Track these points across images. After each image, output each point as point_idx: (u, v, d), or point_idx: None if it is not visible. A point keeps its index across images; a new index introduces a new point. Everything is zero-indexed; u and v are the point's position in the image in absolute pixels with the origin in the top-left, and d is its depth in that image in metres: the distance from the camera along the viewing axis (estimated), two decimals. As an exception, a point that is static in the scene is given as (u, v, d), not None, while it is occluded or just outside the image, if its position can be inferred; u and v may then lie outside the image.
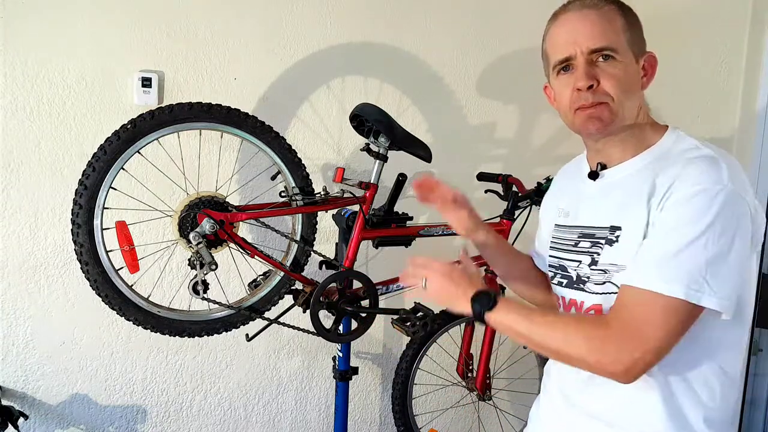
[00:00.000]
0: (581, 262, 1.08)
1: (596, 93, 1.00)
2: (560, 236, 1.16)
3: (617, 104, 1.01)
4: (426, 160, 1.79)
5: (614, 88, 1.00)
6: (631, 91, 1.03)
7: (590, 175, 1.10)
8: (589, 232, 1.08)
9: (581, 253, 1.08)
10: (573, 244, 1.11)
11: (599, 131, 1.03)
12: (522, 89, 2.31)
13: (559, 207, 1.19)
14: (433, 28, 2.19)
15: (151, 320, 1.61)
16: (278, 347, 2.18)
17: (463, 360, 2.08)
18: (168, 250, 1.83)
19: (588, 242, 1.07)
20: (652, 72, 1.07)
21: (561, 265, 1.14)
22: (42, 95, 1.81)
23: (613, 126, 1.03)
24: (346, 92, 2.12)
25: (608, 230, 1.03)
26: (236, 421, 2.17)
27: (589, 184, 1.11)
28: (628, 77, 1.01)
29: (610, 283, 1.02)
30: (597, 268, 1.04)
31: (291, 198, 1.73)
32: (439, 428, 2.34)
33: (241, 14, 1.97)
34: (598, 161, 1.09)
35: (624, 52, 1.01)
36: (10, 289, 1.86)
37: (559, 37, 1.05)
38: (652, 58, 1.07)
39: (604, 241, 1.04)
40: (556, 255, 1.16)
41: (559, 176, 1.30)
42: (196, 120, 1.59)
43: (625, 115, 1.02)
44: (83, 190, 1.50)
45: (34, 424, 1.94)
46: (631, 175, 1.04)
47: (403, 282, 1.11)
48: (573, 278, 1.10)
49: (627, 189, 1.03)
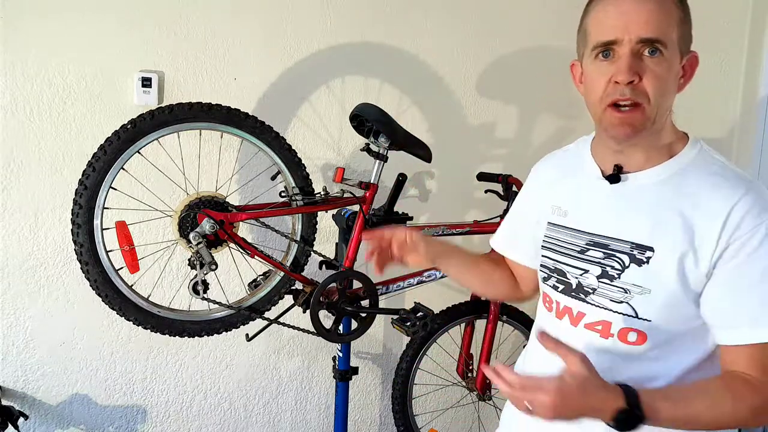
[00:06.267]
0: (587, 272, 1.02)
1: (635, 90, 0.92)
2: (558, 237, 1.08)
3: (653, 107, 0.93)
4: (426, 160, 1.79)
5: (655, 88, 0.92)
6: (669, 93, 0.95)
7: (609, 178, 1.01)
8: (603, 241, 1.00)
9: (590, 262, 1.02)
10: (579, 251, 1.04)
11: (628, 137, 0.95)
12: (522, 89, 2.31)
13: (554, 204, 1.10)
14: (433, 28, 2.19)
15: (151, 320, 1.61)
16: (278, 347, 2.18)
17: (463, 360, 2.08)
18: (168, 250, 1.83)
19: (600, 252, 1.00)
20: (690, 74, 0.98)
21: (558, 268, 1.07)
22: (42, 95, 1.81)
23: (644, 132, 0.95)
24: (346, 92, 2.12)
25: (632, 246, 0.97)
26: (236, 421, 2.17)
27: (601, 187, 1.03)
28: (669, 77, 0.93)
29: (628, 305, 0.97)
30: (615, 285, 0.98)
31: (291, 198, 1.73)
32: (439, 428, 2.34)
33: (241, 14, 1.97)
34: (614, 163, 1.01)
35: (673, 48, 0.92)
36: (10, 289, 1.86)
37: (607, 15, 0.93)
38: (694, 58, 0.98)
39: (627, 258, 0.97)
40: (551, 257, 1.09)
41: (544, 168, 1.20)
42: (196, 120, 1.59)
43: (657, 120, 0.95)
44: (83, 190, 1.50)
45: (34, 424, 1.94)
46: (657, 186, 0.97)
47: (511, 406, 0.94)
48: (572, 285, 1.04)
49: (655, 203, 0.96)
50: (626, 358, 0.99)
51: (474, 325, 2.05)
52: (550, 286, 1.10)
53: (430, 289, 1.98)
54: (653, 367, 0.98)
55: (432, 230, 1.85)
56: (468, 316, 2.00)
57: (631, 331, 0.98)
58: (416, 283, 1.86)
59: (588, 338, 1.02)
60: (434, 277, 1.87)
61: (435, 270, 1.86)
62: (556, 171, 1.16)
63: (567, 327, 1.06)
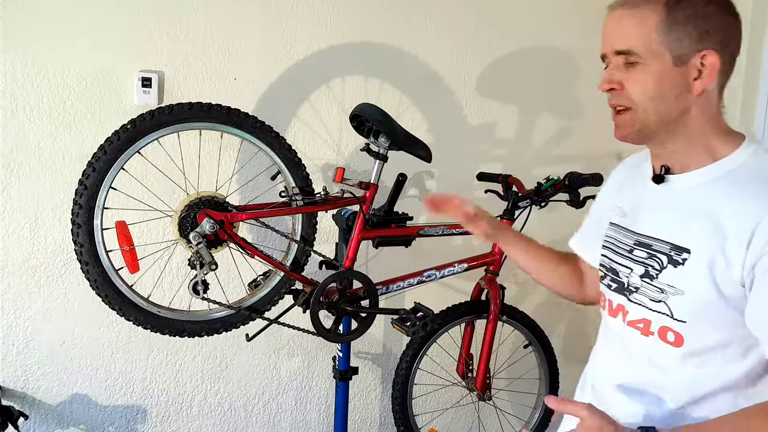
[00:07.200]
0: (632, 270, 1.04)
1: (618, 96, 0.98)
2: (615, 237, 1.10)
3: (642, 111, 0.96)
4: (426, 160, 1.79)
5: (637, 93, 0.96)
6: (663, 97, 0.95)
7: (654, 179, 1.03)
8: (647, 241, 1.03)
9: (635, 261, 1.04)
10: (628, 250, 1.06)
11: (623, 138, 1.00)
12: (522, 89, 2.31)
13: (617, 205, 1.13)
14: (433, 28, 2.19)
15: (151, 320, 1.61)
16: (278, 347, 2.18)
17: (463, 360, 2.08)
18: (168, 250, 1.83)
19: (644, 252, 1.03)
20: (708, 73, 0.94)
21: (613, 267, 1.10)
22: (42, 95, 1.81)
23: (640, 134, 0.98)
24: (346, 92, 2.12)
25: (671, 247, 0.98)
26: (236, 421, 2.17)
27: (651, 188, 1.04)
28: (656, 83, 0.94)
29: (665, 304, 0.99)
30: (653, 284, 1.00)
31: (291, 198, 1.73)
32: (439, 428, 2.34)
33: (241, 14, 1.97)
34: (661, 164, 1.03)
35: (652, 54, 0.94)
36: (10, 289, 1.86)
37: (602, 32, 1.02)
38: (708, 56, 0.93)
39: (666, 258, 0.98)
40: (608, 256, 1.11)
41: (620, 169, 1.21)
42: (196, 120, 1.59)
43: (652, 122, 0.96)
44: (83, 190, 1.50)
45: (34, 424, 1.94)
46: (698, 189, 0.98)
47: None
48: (624, 284, 1.06)
49: (695, 205, 0.97)
50: (668, 358, 1.00)
51: (474, 325, 2.05)
52: (605, 285, 1.12)
53: (430, 289, 1.98)
54: (697, 372, 0.98)
55: (432, 230, 1.85)
56: (468, 316, 2.00)
57: (669, 330, 0.99)
58: (416, 283, 1.86)
59: (632, 335, 1.05)
60: (434, 277, 1.87)
61: (435, 270, 1.86)
62: (625, 173, 1.18)
63: (620, 324, 1.08)
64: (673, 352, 0.99)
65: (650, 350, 1.02)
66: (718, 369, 0.97)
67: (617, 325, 1.08)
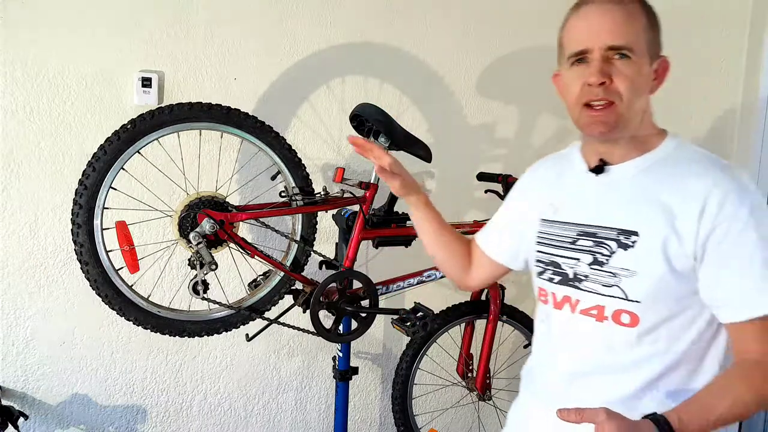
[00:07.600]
0: (579, 260, 1.08)
1: (607, 90, 0.99)
2: (551, 232, 1.14)
3: (625, 105, 1.00)
4: (426, 160, 1.79)
5: (626, 89, 0.99)
6: (641, 93, 1.02)
7: (594, 170, 1.08)
8: (591, 230, 1.07)
9: (580, 251, 1.08)
10: (571, 242, 1.10)
11: (603, 135, 1.03)
12: (522, 89, 2.31)
13: (548, 202, 1.17)
14: (433, 28, 2.19)
15: (151, 320, 1.61)
16: (278, 347, 2.18)
17: (463, 360, 2.08)
18: (168, 250, 1.83)
19: (590, 241, 1.07)
20: (663, 76, 1.06)
21: (553, 261, 1.13)
22: (42, 95, 1.81)
23: (618, 129, 1.02)
24: (346, 92, 2.12)
25: (618, 232, 1.03)
26: (236, 421, 2.17)
27: (588, 180, 1.10)
28: (640, 79, 1.01)
29: (617, 288, 1.03)
30: (604, 270, 1.04)
31: (291, 198, 1.73)
32: (439, 428, 2.34)
33: (241, 14, 1.97)
34: (599, 158, 1.08)
35: (641, 52, 1.00)
36: (10, 289, 1.86)
37: (578, 28, 1.03)
38: (665, 62, 1.06)
39: (615, 243, 1.03)
40: (545, 251, 1.15)
41: (538, 170, 1.27)
42: (196, 120, 1.59)
43: (631, 118, 1.02)
44: (83, 190, 1.50)
45: (34, 424, 1.94)
46: (638, 176, 1.04)
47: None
48: (568, 275, 1.10)
49: (637, 191, 1.03)
50: (623, 339, 1.04)
51: (474, 325, 2.05)
52: (545, 279, 1.15)
53: (430, 289, 1.98)
54: (650, 349, 1.03)
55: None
56: (468, 316, 2.00)
57: (624, 312, 1.03)
58: (416, 283, 1.86)
59: (585, 323, 1.08)
60: (434, 277, 1.87)
61: (435, 270, 1.86)
62: (551, 172, 1.22)
63: (567, 315, 1.11)
64: (628, 333, 1.03)
65: (604, 334, 1.05)
66: (669, 343, 1.02)
67: (563, 316, 1.11)
